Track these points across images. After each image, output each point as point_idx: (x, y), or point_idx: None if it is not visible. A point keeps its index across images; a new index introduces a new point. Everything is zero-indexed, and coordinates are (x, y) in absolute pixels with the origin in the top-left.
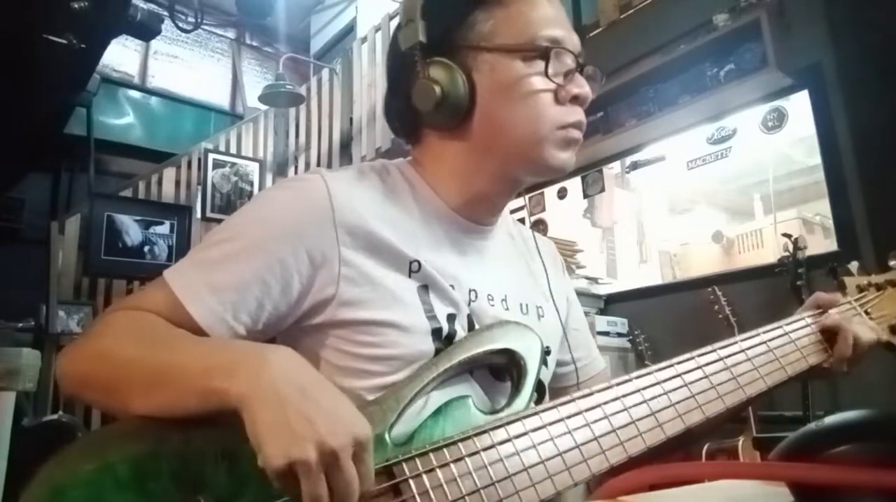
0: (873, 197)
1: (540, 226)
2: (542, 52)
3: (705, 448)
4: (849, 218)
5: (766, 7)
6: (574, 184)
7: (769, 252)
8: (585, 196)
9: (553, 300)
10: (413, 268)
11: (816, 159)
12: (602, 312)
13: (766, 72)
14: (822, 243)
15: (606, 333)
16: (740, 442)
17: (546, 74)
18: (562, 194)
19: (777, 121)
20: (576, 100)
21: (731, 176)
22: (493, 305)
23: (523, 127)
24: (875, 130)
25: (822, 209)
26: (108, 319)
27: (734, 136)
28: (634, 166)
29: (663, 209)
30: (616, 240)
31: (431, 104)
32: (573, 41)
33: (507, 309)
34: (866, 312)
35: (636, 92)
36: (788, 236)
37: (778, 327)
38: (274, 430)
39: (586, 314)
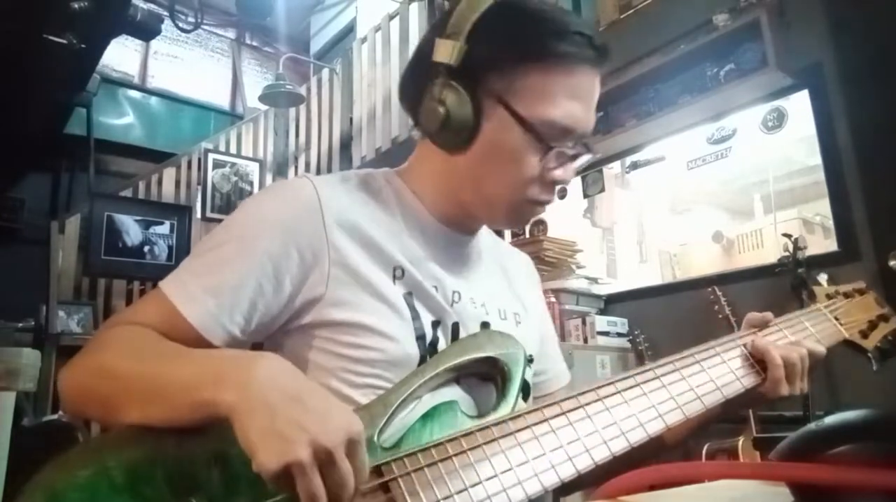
0: (873, 197)
1: (540, 226)
2: (547, 146)
3: (705, 448)
4: (849, 218)
5: (766, 7)
6: (574, 184)
7: (769, 252)
8: (585, 196)
9: (528, 310)
10: (397, 275)
11: (816, 159)
12: (602, 312)
13: (766, 72)
14: (822, 243)
15: (606, 333)
16: (740, 442)
17: (540, 162)
18: (562, 194)
19: (777, 121)
20: (554, 182)
21: (731, 176)
22: (475, 308)
23: (499, 187)
24: (875, 130)
25: (822, 209)
26: (106, 335)
27: (734, 136)
28: (634, 166)
29: (663, 209)
30: (616, 240)
31: (432, 127)
32: (584, 130)
33: (488, 313)
34: (836, 318)
35: (636, 92)
36: (788, 236)
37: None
38: (265, 436)
39: (586, 314)
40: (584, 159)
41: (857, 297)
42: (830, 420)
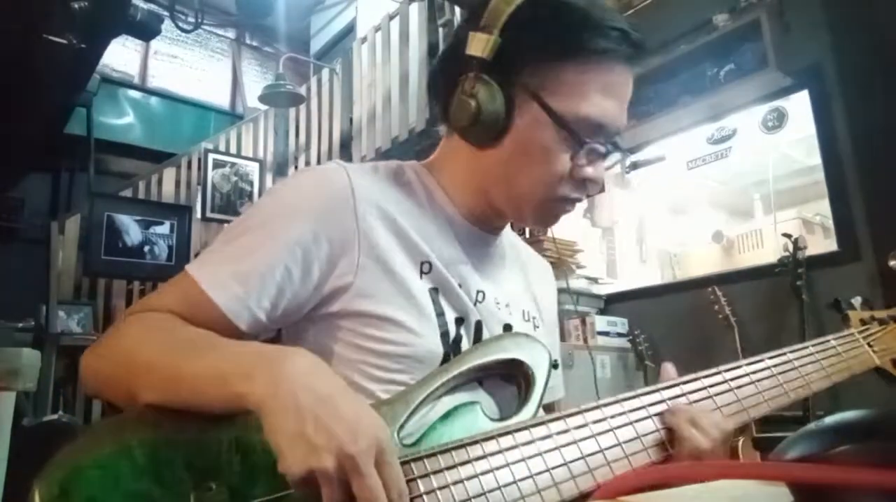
0: (873, 197)
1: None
2: (580, 142)
3: None
4: (849, 218)
5: (766, 7)
6: None
7: (769, 252)
8: (586, 196)
9: (542, 317)
10: (424, 269)
11: (816, 159)
12: (602, 312)
13: (766, 72)
14: (822, 243)
15: (606, 333)
16: (740, 442)
17: (572, 159)
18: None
19: (777, 121)
20: (585, 180)
21: (731, 176)
22: (499, 309)
23: (529, 184)
24: (875, 130)
25: (822, 209)
26: (130, 321)
27: (734, 136)
28: (634, 166)
29: (663, 209)
30: (616, 240)
31: (462, 121)
32: (616, 128)
33: (511, 314)
34: (869, 345)
35: (636, 92)
36: (788, 236)
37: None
38: (293, 439)
39: (586, 314)
40: (615, 157)
41: (893, 325)
42: (830, 420)
